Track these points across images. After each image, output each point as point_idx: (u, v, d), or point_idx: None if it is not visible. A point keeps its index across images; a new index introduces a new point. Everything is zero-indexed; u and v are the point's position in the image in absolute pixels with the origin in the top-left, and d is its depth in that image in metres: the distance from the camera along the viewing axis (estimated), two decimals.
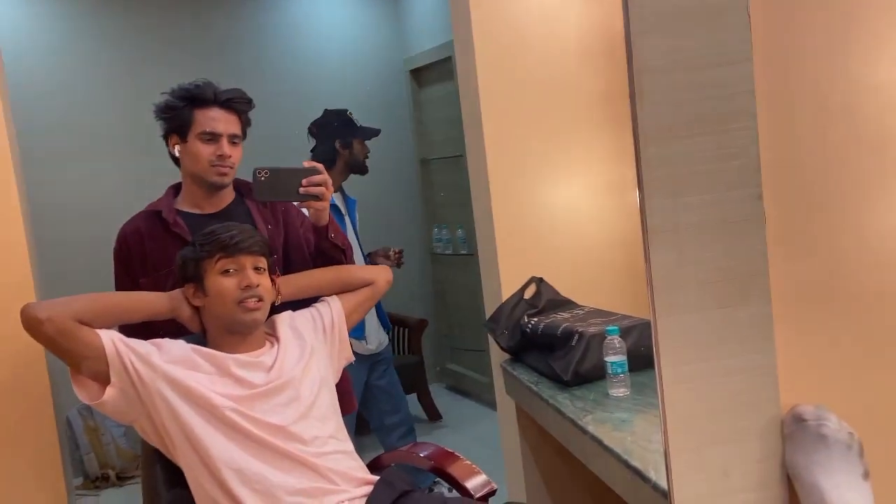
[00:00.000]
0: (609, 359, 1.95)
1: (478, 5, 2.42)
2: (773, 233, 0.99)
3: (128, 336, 1.76)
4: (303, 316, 1.95)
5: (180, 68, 4.19)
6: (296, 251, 2.07)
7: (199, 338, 1.85)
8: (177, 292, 1.84)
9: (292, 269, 2.04)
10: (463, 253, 4.57)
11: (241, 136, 2.03)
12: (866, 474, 1.03)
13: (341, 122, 3.18)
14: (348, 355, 2.01)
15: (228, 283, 1.78)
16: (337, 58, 4.83)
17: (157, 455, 1.80)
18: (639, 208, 1.00)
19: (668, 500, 1.41)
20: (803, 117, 1.03)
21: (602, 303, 2.42)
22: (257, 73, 4.52)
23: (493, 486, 1.83)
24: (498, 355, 2.51)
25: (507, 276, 2.50)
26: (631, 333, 2.06)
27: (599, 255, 2.57)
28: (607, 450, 1.67)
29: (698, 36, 0.96)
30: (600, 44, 2.52)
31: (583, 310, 2.35)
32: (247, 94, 2.05)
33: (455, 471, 1.86)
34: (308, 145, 3.23)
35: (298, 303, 1.99)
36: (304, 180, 1.89)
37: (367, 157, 3.23)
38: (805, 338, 1.04)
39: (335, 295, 2.01)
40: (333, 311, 1.97)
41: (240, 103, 2.02)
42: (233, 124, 2.00)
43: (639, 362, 2.04)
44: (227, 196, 2.07)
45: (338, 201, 3.11)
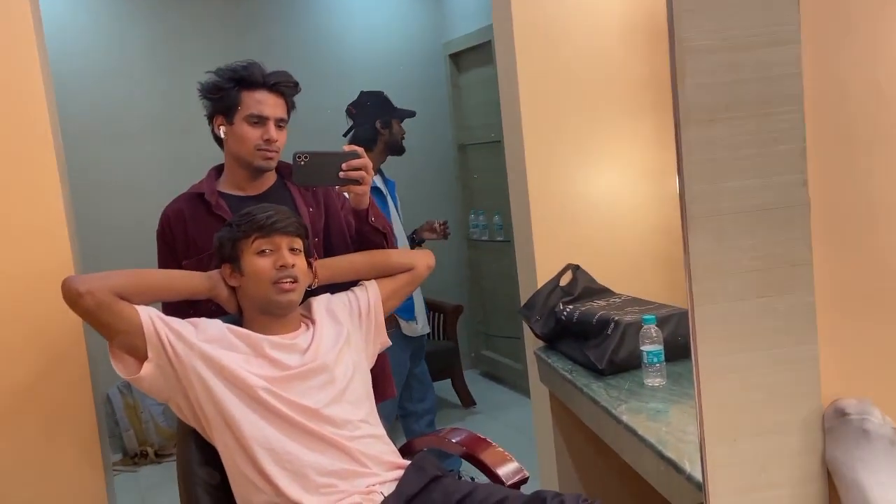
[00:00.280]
0: (645, 348, 1.93)
1: None
2: (818, 220, 0.96)
3: (168, 315, 1.78)
4: (339, 299, 1.95)
5: (219, 50, 4.22)
6: (337, 234, 2.07)
7: (235, 318, 1.87)
8: (215, 273, 1.86)
9: (333, 252, 2.03)
10: (499, 240, 4.55)
11: (286, 119, 2.02)
12: None
13: (380, 103, 3.18)
14: (384, 340, 2.01)
15: (264, 263, 1.79)
16: (376, 41, 4.82)
17: (192, 434, 1.82)
18: (678, 194, 0.97)
19: (702, 492, 1.38)
20: (852, 101, 0.99)
21: (639, 291, 2.39)
22: (296, 56, 4.53)
23: (524, 473, 1.82)
24: (532, 342, 2.49)
25: (542, 263, 2.48)
26: (668, 322, 2.03)
27: (637, 243, 2.54)
28: (641, 440, 1.65)
29: (744, 15, 0.92)
30: (644, 27, 2.48)
31: (619, 298, 2.32)
32: (293, 78, 2.03)
33: (487, 457, 1.85)
34: (345, 128, 3.23)
35: (337, 286, 1.99)
36: (344, 164, 1.87)
37: (403, 137, 3.23)
38: (849, 329, 1.01)
39: (373, 280, 2.01)
40: (370, 295, 1.97)
41: (287, 87, 2.00)
42: (280, 108, 1.99)
43: (675, 352, 2.01)
44: (269, 178, 2.07)
45: (378, 183, 3.11)
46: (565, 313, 2.25)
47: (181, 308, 1.91)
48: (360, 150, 1.90)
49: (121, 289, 1.71)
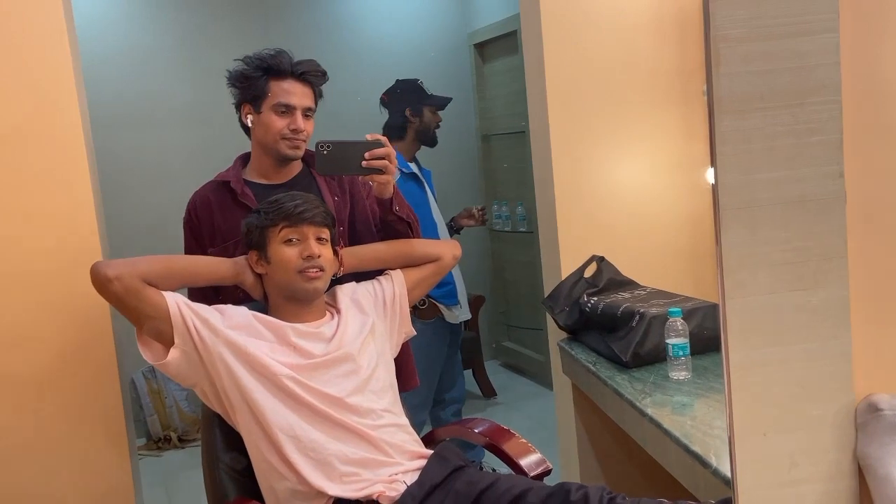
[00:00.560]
0: (671, 341, 1.91)
1: None
2: (854, 213, 0.94)
3: (194, 300, 1.79)
4: (364, 288, 1.96)
5: (246, 38, 4.23)
6: (362, 223, 2.07)
7: (261, 305, 1.87)
8: (241, 259, 1.87)
9: (358, 241, 2.03)
10: (522, 230, 4.53)
11: (314, 109, 2.01)
12: None
13: (411, 90, 3.16)
14: (408, 330, 2.01)
15: (290, 253, 1.79)
16: (402, 31, 4.81)
17: (217, 419, 1.83)
18: (709, 185, 0.96)
19: (729, 487, 1.37)
20: (892, 92, 0.97)
21: (664, 284, 2.37)
22: (322, 45, 4.53)
23: (548, 465, 1.82)
24: (555, 334, 2.48)
25: (567, 254, 2.46)
26: (694, 316, 2.02)
27: (663, 235, 2.52)
28: (666, 433, 1.64)
29: (780, 4, 0.90)
30: (672, 17, 2.45)
31: (644, 290, 2.30)
32: (321, 67, 2.02)
33: (510, 448, 1.85)
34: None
35: (362, 275, 1.99)
36: (367, 153, 1.87)
37: (437, 126, 3.21)
38: (883, 324, 0.99)
39: (398, 269, 2.01)
40: (396, 284, 1.97)
41: (315, 76, 2.00)
42: (307, 97, 1.99)
43: (701, 346, 2.00)
44: (295, 167, 2.07)
45: (415, 171, 3.11)
46: (589, 305, 2.23)
47: (207, 294, 1.92)
48: (383, 138, 1.89)
49: (148, 275, 1.72)
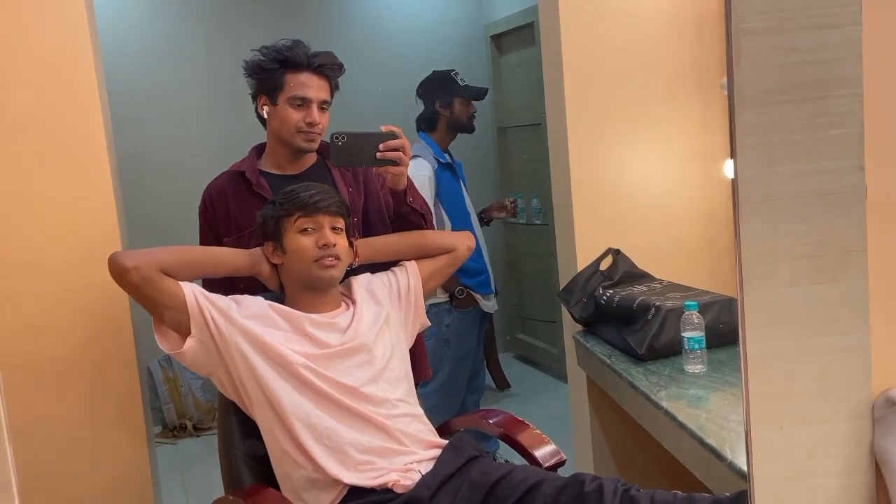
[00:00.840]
0: (686, 334, 1.91)
1: None
2: (874, 207, 0.94)
3: (210, 291, 1.81)
4: (379, 280, 1.97)
5: (264, 29, 4.23)
6: (375, 214, 2.07)
7: (278, 296, 1.89)
8: (257, 250, 1.88)
9: (372, 232, 2.04)
10: (537, 223, 4.53)
11: (329, 101, 2.02)
12: None
13: (442, 82, 3.18)
14: (423, 321, 2.02)
15: (306, 242, 1.80)
16: (418, 23, 4.80)
17: (233, 407, 1.85)
18: (726, 178, 0.96)
19: (744, 480, 1.37)
20: None
21: (680, 278, 2.36)
22: (338, 37, 4.54)
23: (562, 456, 1.82)
24: (570, 326, 2.49)
25: (582, 247, 2.46)
26: (710, 309, 2.02)
27: (679, 228, 2.51)
28: (682, 426, 1.64)
29: None
30: (690, 10, 2.43)
31: (660, 283, 2.30)
32: (338, 59, 2.01)
33: (525, 439, 1.86)
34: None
35: (376, 266, 2.00)
36: (381, 145, 1.87)
37: (472, 116, 3.22)
38: None
39: (413, 261, 2.02)
40: (410, 276, 1.98)
41: (331, 68, 2.00)
42: (323, 90, 1.99)
43: (717, 339, 2.00)
44: (310, 158, 2.08)
45: (450, 161, 3.13)
46: (605, 298, 2.23)
47: (221, 285, 1.93)
48: (397, 130, 1.90)
49: (166, 265, 1.74)
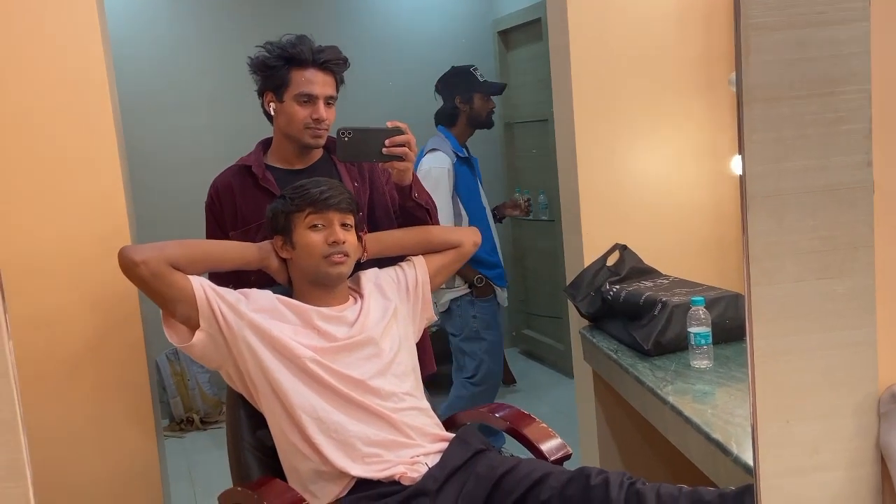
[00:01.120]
0: (693, 330, 1.92)
1: None
2: (882, 202, 0.94)
3: (220, 284, 1.82)
4: (387, 274, 1.97)
5: (272, 23, 4.24)
6: (381, 210, 2.08)
7: (286, 290, 1.90)
8: (266, 244, 1.89)
9: (378, 226, 2.05)
10: (543, 219, 4.53)
11: (335, 97, 2.02)
12: None
13: (462, 77, 3.19)
14: (430, 316, 2.03)
15: (316, 239, 1.81)
16: (425, 18, 4.80)
17: (241, 399, 1.86)
18: (734, 174, 0.97)
19: (749, 474, 1.38)
20: None
21: (687, 273, 2.37)
22: (345, 32, 4.54)
23: (568, 450, 1.83)
24: (577, 322, 2.49)
25: (589, 242, 2.47)
26: (717, 305, 2.02)
27: (687, 224, 2.51)
28: (687, 421, 1.65)
29: None
30: (699, 5, 2.43)
31: (667, 279, 2.30)
32: (342, 54, 2.02)
33: (531, 433, 1.86)
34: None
35: (384, 261, 2.01)
36: (387, 140, 1.88)
37: (491, 112, 3.24)
38: None
39: (421, 255, 2.03)
40: (418, 270, 1.99)
41: (337, 64, 2.00)
42: (329, 86, 2.00)
43: (723, 335, 2.00)
44: (316, 153, 2.09)
45: (468, 156, 3.14)
46: (612, 293, 2.24)
47: (231, 278, 1.94)
48: (403, 125, 1.90)
49: (175, 259, 1.75)
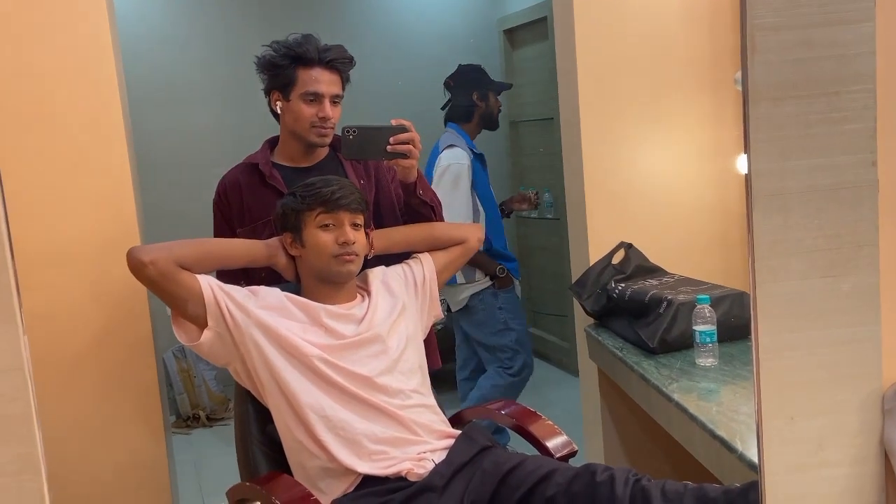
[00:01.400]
0: (698, 328, 1.92)
1: None
2: (886, 201, 0.95)
3: (225, 282, 1.83)
4: (395, 272, 1.98)
5: (278, 21, 4.26)
6: (386, 207, 2.09)
7: (294, 287, 1.91)
8: (274, 241, 1.90)
9: (383, 223, 2.06)
10: (549, 217, 4.54)
11: (341, 95, 2.04)
12: None
13: (478, 74, 3.21)
14: (437, 313, 2.03)
15: (326, 238, 1.82)
16: (430, 17, 4.81)
17: (249, 395, 1.87)
18: (740, 173, 0.97)
19: (754, 471, 1.39)
20: None
21: (692, 272, 2.37)
22: (351, 31, 4.55)
23: (574, 447, 1.84)
24: (582, 319, 2.50)
25: (595, 241, 2.47)
26: (722, 303, 2.03)
27: (692, 223, 2.52)
28: (693, 418, 1.65)
29: None
30: (704, 4, 2.44)
31: (672, 277, 2.31)
32: (348, 52, 2.03)
33: (537, 430, 1.87)
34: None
35: (389, 258, 2.02)
36: (392, 138, 1.89)
37: (499, 111, 3.27)
38: None
39: (427, 252, 2.04)
40: (425, 268, 2.00)
41: (342, 63, 2.02)
42: (335, 84, 2.01)
43: (728, 333, 2.01)
44: (322, 151, 2.10)
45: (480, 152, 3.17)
46: (617, 291, 2.25)
47: (238, 275, 1.96)
48: (408, 123, 1.92)
49: (183, 258, 1.76)
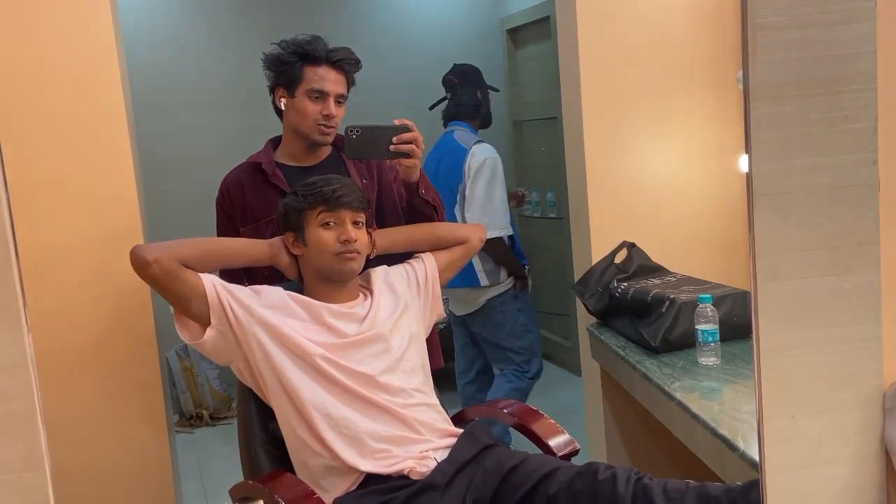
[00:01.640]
0: (700, 327, 1.93)
1: None
2: (887, 200, 0.95)
3: (228, 281, 1.84)
4: (397, 271, 1.99)
5: (283, 22, 4.27)
6: (389, 206, 2.10)
7: (298, 286, 1.91)
8: (276, 240, 1.90)
9: (385, 223, 2.07)
10: (551, 216, 4.54)
11: (346, 95, 2.05)
12: None
13: (479, 74, 3.24)
14: (439, 312, 2.04)
15: (328, 236, 1.82)
16: (433, 16, 4.81)
17: (252, 394, 1.87)
18: (742, 172, 0.98)
19: (755, 470, 1.39)
20: None
21: (694, 271, 2.37)
22: (353, 31, 4.55)
23: (576, 445, 1.84)
24: (584, 319, 2.50)
25: (597, 240, 2.48)
26: (724, 302, 2.03)
27: (694, 222, 2.52)
28: (695, 417, 1.66)
29: None
30: (707, 4, 2.44)
31: (674, 277, 2.31)
32: (355, 55, 2.05)
33: (539, 428, 1.87)
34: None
35: (391, 257, 2.03)
36: (395, 138, 1.90)
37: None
38: None
39: (429, 252, 2.04)
40: (427, 267, 2.00)
41: (349, 63, 2.03)
42: (340, 84, 2.02)
43: (730, 332, 2.01)
44: (325, 150, 2.11)
45: None
46: (619, 290, 2.25)
47: (241, 273, 1.96)
48: (410, 123, 1.92)
49: (186, 257, 1.77)
